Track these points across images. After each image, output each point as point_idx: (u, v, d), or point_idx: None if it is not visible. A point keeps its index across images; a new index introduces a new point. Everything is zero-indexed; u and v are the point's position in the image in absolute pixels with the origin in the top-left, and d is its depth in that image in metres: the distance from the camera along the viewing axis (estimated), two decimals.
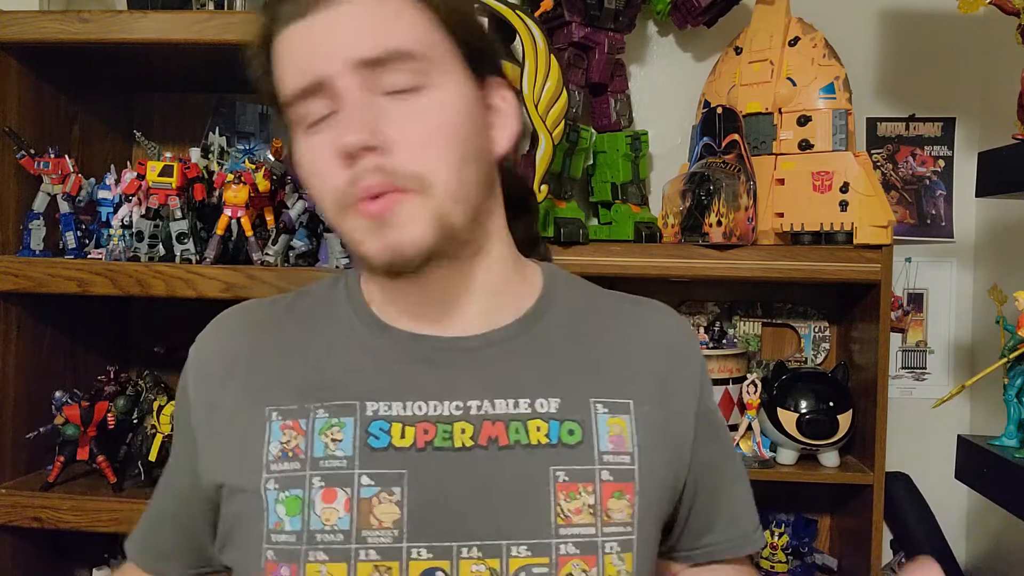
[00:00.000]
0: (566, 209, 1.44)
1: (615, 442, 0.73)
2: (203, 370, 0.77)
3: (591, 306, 0.82)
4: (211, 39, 1.26)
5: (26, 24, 1.30)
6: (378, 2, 0.67)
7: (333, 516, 0.69)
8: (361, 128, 0.65)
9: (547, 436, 0.72)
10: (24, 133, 1.35)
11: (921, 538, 1.57)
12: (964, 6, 1.24)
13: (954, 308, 1.68)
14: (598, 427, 0.73)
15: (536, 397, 0.73)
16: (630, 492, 0.72)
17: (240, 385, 0.75)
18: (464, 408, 0.72)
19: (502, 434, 0.71)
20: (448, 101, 0.69)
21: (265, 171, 1.30)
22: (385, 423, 0.71)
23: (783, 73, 1.46)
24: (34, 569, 1.40)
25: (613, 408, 0.74)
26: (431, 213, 0.68)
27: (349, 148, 0.65)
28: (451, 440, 0.71)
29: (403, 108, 0.67)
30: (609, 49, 1.47)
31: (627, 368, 0.77)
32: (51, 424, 1.34)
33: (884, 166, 1.68)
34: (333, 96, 0.67)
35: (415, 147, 0.67)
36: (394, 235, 0.67)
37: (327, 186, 0.68)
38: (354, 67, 0.66)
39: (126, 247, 1.34)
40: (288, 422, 0.72)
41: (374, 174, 0.66)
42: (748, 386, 1.46)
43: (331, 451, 0.71)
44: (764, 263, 1.38)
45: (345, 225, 0.69)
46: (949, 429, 1.46)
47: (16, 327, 1.36)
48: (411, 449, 0.70)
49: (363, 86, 0.67)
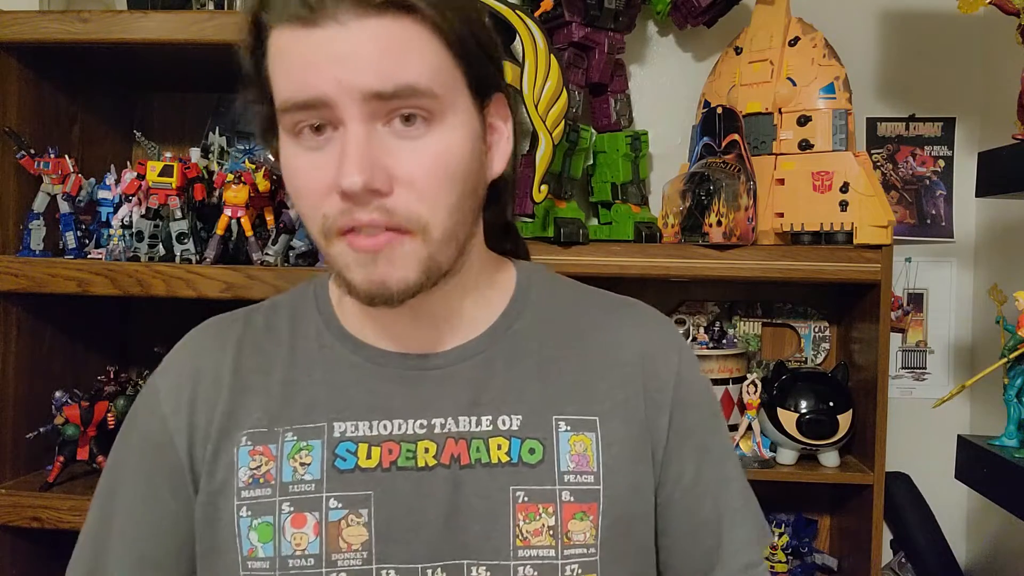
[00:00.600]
0: (566, 209, 1.44)
1: (577, 461, 0.71)
2: (183, 395, 0.75)
3: (564, 313, 0.79)
4: (211, 39, 1.26)
5: (26, 24, 1.29)
6: (390, 26, 0.63)
7: (303, 541, 0.69)
8: (363, 169, 0.62)
9: (508, 454, 0.70)
10: (24, 133, 1.35)
11: (921, 538, 1.57)
12: (964, 6, 1.24)
13: (954, 308, 1.68)
14: (559, 446, 0.71)
15: (499, 414, 0.72)
16: (593, 513, 0.70)
17: (219, 411, 0.74)
18: (428, 427, 0.71)
19: (464, 453, 0.70)
20: (454, 141, 0.66)
21: (265, 171, 1.30)
22: (352, 444, 0.71)
23: (783, 73, 1.46)
24: (34, 569, 1.40)
25: (576, 425, 0.72)
26: (423, 258, 0.66)
27: (349, 191, 0.62)
28: (414, 460, 0.70)
29: (408, 146, 0.64)
30: (609, 49, 1.47)
31: (596, 382, 0.74)
32: (51, 424, 1.34)
33: (884, 166, 1.68)
34: (332, 116, 0.64)
35: (418, 189, 0.64)
36: (383, 272, 0.65)
37: (316, 212, 0.66)
38: (362, 98, 0.62)
39: (126, 247, 1.34)
40: (258, 447, 0.72)
41: (372, 211, 0.63)
42: (748, 386, 1.46)
43: (299, 475, 0.70)
44: (764, 263, 1.38)
45: (331, 249, 0.67)
46: (949, 429, 1.46)
47: (16, 327, 1.36)
48: (376, 470, 0.70)
49: (368, 117, 0.63)
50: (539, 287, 0.80)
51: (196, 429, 0.74)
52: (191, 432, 0.74)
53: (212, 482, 0.72)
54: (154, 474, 0.74)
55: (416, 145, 0.64)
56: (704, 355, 1.48)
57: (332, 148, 0.64)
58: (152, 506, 0.74)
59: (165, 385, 0.76)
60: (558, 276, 0.84)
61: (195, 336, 0.80)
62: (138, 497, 0.75)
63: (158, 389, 0.76)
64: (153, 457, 0.75)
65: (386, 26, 0.62)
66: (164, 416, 0.74)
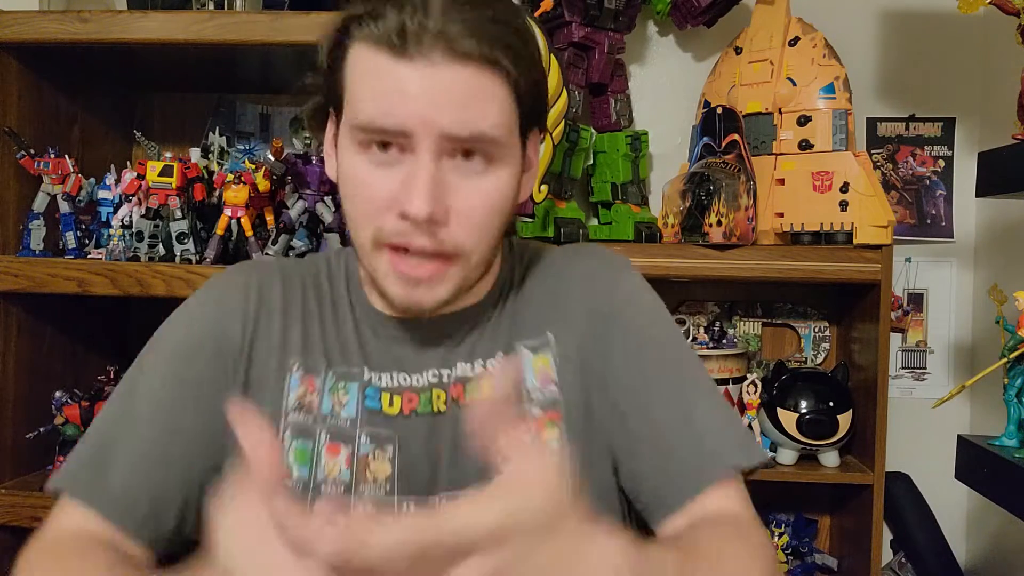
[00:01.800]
0: (566, 209, 1.44)
1: (541, 379, 0.78)
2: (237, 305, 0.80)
3: (537, 268, 0.86)
4: (211, 39, 1.26)
5: (26, 24, 1.29)
6: (474, 75, 0.68)
7: (336, 469, 0.75)
8: (430, 201, 0.68)
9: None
10: (24, 133, 1.35)
11: (921, 538, 1.57)
12: (964, 6, 1.24)
13: (954, 308, 1.68)
14: (525, 368, 0.78)
15: (487, 358, 0.79)
16: (556, 418, 0.76)
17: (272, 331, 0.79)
18: (438, 376, 0.78)
19: (461, 395, 0.78)
20: (504, 182, 0.73)
21: (265, 171, 1.30)
22: (376, 391, 0.78)
23: (783, 73, 1.46)
24: None
25: (536, 348, 0.79)
26: (459, 279, 0.73)
27: (415, 218, 0.68)
28: (431, 406, 0.77)
29: (468, 184, 0.71)
30: (609, 49, 1.47)
31: (549, 307, 0.82)
32: (51, 424, 1.34)
33: (884, 166, 1.68)
34: (405, 144, 0.69)
35: (469, 223, 0.71)
36: (421, 293, 0.72)
37: (370, 222, 0.71)
38: (440, 137, 0.68)
39: (126, 247, 1.33)
40: (307, 376, 0.78)
41: (425, 238, 0.70)
42: (748, 386, 1.46)
43: (336, 411, 0.77)
44: (764, 263, 1.38)
45: (375, 258, 0.73)
46: (949, 429, 1.46)
47: (16, 327, 1.36)
48: (399, 416, 0.77)
49: (440, 153, 0.69)
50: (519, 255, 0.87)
51: (246, 339, 0.79)
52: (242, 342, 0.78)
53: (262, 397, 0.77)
54: (202, 380, 0.77)
55: (475, 184, 0.71)
56: (704, 355, 1.48)
57: (399, 169, 0.70)
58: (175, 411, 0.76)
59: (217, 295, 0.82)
60: (529, 241, 0.92)
61: (244, 264, 0.87)
62: (163, 399, 0.76)
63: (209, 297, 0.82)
64: (199, 362, 0.78)
65: (471, 74, 0.68)
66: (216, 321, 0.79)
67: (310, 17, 1.24)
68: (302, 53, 1.28)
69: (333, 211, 1.30)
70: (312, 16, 1.24)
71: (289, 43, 1.24)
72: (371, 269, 0.74)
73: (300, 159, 1.31)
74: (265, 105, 1.64)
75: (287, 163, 1.30)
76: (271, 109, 1.64)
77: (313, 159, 1.31)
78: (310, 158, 1.31)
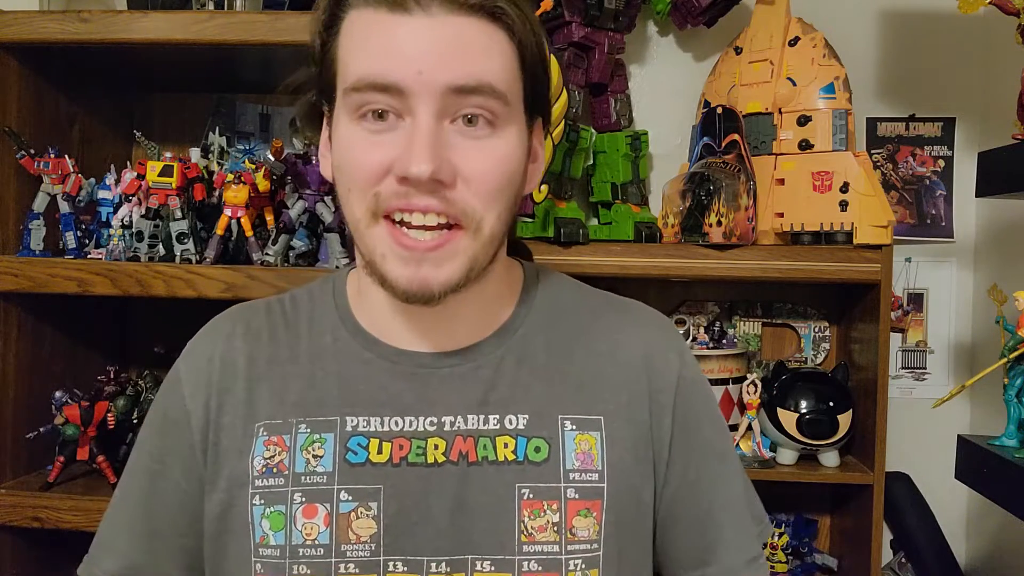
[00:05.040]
0: (566, 209, 1.44)
1: (582, 459, 0.72)
2: (201, 378, 0.77)
3: (569, 314, 0.80)
4: (211, 39, 1.26)
5: (26, 24, 1.29)
6: (476, 26, 0.65)
7: (314, 531, 0.71)
8: (433, 158, 0.63)
9: (514, 453, 0.72)
10: (24, 133, 1.35)
11: (921, 538, 1.57)
12: (964, 6, 1.24)
13: (954, 308, 1.68)
14: (565, 444, 0.73)
15: (506, 413, 0.73)
16: (597, 509, 0.72)
17: (236, 399, 0.75)
18: (438, 424, 0.72)
19: (472, 450, 0.72)
20: (511, 148, 0.69)
21: (265, 171, 1.30)
22: (364, 439, 0.72)
23: (783, 73, 1.46)
24: (34, 569, 1.40)
25: (582, 425, 0.73)
26: (470, 255, 0.68)
27: (415, 178, 0.63)
28: (424, 456, 0.72)
29: (473, 144, 0.66)
30: (609, 49, 1.47)
31: (600, 383, 0.76)
32: (51, 424, 1.34)
33: (884, 166, 1.68)
34: (401, 106, 0.65)
35: (478, 186, 0.66)
36: (427, 270, 0.67)
37: (367, 190, 0.66)
38: (440, 92, 0.64)
39: (126, 247, 1.33)
40: (272, 438, 0.73)
41: (431, 198, 0.65)
42: (748, 386, 1.46)
43: (312, 467, 0.72)
44: (764, 263, 1.38)
45: (372, 231, 0.68)
46: (949, 429, 1.45)
47: (16, 327, 1.36)
48: (387, 464, 0.71)
49: (439, 112, 0.65)
50: (544, 289, 0.81)
51: (210, 412, 0.75)
52: (206, 414, 0.75)
53: (228, 468, 0.74)
54: (166, 452, 0.77)
55: (481, 145, 0.66)
56: (704, 355, 1.48)
57: (396, 135, 0.65)
58: (160, 482, 0.76)
59: (185, 368, 0.78)
60: (562, 276, 0.85)
61: (215, 323, 0.82)
62: (149, 472, 0.77)
63: (179, 372, 0.79)
64: (169, 436, 0.77)
65: (472, 25, 0.65)
66: (183, 397, 0.77)
67: (310, 17, 1.24)
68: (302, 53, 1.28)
69: (333, 211, 1.30)
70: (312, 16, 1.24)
71: (289, 43, 1.24)
72: (369, 251, 0.68)
73: (300, 159, 1.31)
74: (265, 105, 1.64)
75: (287, 163, 1.31)
76: (271, 109, 1.64)
77: (313, 159, 1.31)
78: (310, 158, 1.31)
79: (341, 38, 0.69)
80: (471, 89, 0.65)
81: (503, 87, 0.66)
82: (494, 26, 0.66)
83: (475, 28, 0.65)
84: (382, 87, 0.64)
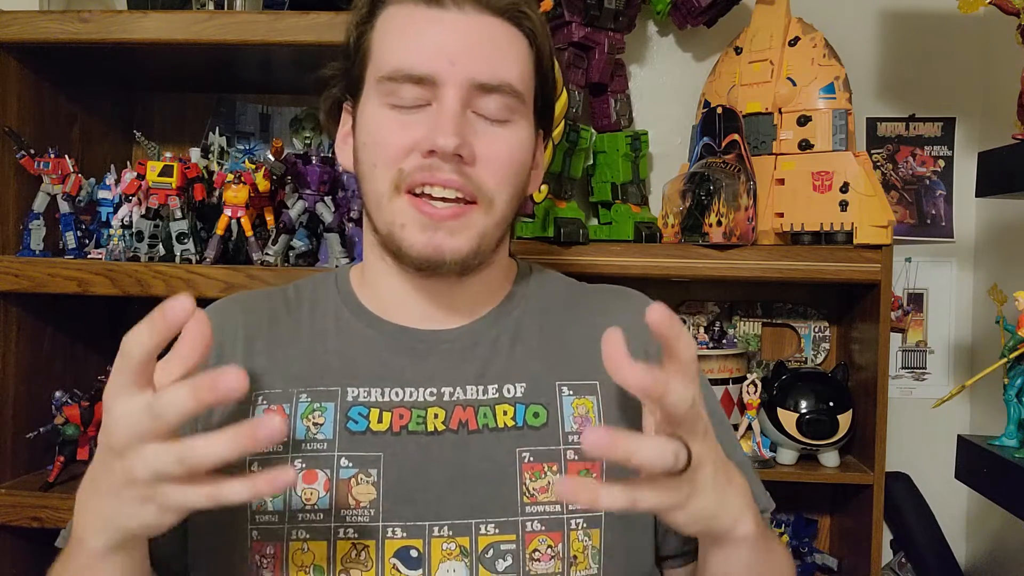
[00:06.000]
0: (566, 209, 1.44)
1: (580, 422, 0.76)
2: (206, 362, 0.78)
3: (560, 297, 0.85)
4: (211, 39, 1.26)
5: (26, 24, 1.29)
6: (503, 27, 0.73)
7: (314, 496, 0.72)
8: (456, 133, 0.70)
9: (513, 419, 0.75)
10: (24, 133, 1.35)
11: (921, 538, 1.57)
12: (964, 6, 1.24)
13: (954, 308, 1.68)
14: (563, 409, 0.76)
15: (504, 383, 0.77)
16: (596, 469, 0.74)
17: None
18: (438, 394, 0.76)
19: (472, 419, 0.75)
20: (523, 139, 0.76)
21: (265, 171, 1.30)
22: (364, 408, 0.75)
23: (783, 73, 1.46)
24: (34, 569, 1.39)
25: (578, 390, 0.77)
26: (481, 230, 0.73)
27: (441, 149, 0.69)
28: (424, 425, 0.74)
29: (490, 132, 0.73)
30: (609, 49, 1.47)
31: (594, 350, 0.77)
32: (51, 424, 1.34)
33: (884, 166, 1.68)
34: (434, 94, 0.72)
35: (493, 167, 0.73)
36: (442, 237, 0.72)
37: (392, 165, 0.72)
38: (468, 84, 0.71)
39: (126, 247, 1.33)
40: (272, 407, 0.75)
41: (451, 172, 0.71)
42: (748, 386, 1.46)
43: (312, 434, 0.74)
44: (764, 263, 1.38)
45: (394, 204, 0.73)
46: (949, 429, 1.45)
47: (16, 327, 1.36)
48: (387, 433, 0.74)
49: (466, 102, 0.72)
50: (537, 280, 0.86)
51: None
52: None
53: None
54: None
55: (497, 132, 0.74)
56: (704, 355, 1.48)
57: (423, 117, 0.72)
58: None
59: None
60: (554, 271, 0.90)
61: (215, 304, 0.84)
62: None
63: None
64: None
65: (500, 26, 0.73)
66: None
67: (310, 17, 1.24)
68: (302, 53, 1.28)
69: (333, 211, 1.30)
70: (312, 16, 1.24)
71: (289, 43, 1.24)
72: (388, 223, 0.73)
73: (300, 159, 1.31)
74: (265, 105, 1.64)
75: (287, 163, 1.30)
76: (271, 109, 1.64)
77: (313, 159, 1.31)
78: (310, 158, 1.31)
79: (376, 31, 0.75)
80: (493, 88, 0.72)
81: (521, 87, 0.74)
82: (517, 31, 0.74)
83: (502, 29, 0.73)
84: (417, 78, 0.71)
